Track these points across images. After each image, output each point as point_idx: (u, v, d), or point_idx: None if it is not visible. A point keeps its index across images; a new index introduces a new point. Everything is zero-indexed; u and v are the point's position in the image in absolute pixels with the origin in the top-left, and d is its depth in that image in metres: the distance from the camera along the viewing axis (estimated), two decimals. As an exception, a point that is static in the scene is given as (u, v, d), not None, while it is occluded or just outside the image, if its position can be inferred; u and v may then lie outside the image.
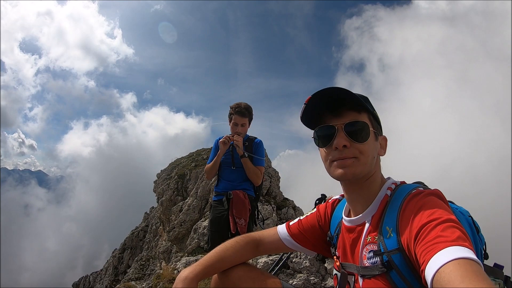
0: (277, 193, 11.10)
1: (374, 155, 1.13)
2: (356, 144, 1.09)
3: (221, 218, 3.27)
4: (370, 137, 1.11)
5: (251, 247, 1.41)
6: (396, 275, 0.99)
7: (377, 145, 1.15)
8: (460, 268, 0.75)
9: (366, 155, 1.10)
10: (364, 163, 1.10)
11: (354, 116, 1.11)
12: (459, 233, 0.84)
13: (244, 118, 3.30)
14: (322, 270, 3.78)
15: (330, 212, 1.39)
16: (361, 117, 1.11)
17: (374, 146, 1.13)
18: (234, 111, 3.29)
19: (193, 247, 8.98)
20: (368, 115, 1.14)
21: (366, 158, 1.10)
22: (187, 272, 1.25)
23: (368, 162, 1.11)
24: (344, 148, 1.09)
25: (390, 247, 1.01)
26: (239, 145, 3.22)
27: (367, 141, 1.10)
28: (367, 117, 1.13)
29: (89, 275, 18.58)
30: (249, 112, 3.33)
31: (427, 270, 0.81)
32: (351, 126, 1.09)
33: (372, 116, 1.15)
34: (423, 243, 0.86)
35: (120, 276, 14.67)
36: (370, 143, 1.11)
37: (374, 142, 1.13)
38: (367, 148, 1.10)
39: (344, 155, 1.09)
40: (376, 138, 1.15)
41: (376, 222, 1.10)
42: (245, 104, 3.31)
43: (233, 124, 3.32)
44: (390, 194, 1.12)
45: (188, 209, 11.25)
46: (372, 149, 1.12)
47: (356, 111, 1.11)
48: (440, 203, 0.97)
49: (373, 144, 1.12)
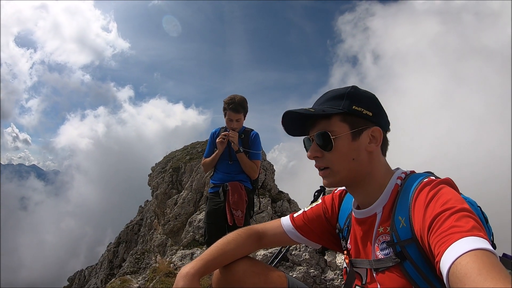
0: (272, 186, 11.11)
1: (353, 157, 1.09)
2: (326, 153, 1.10)
3: (217, 210, 3.25)
4: (340, 143, 1.08)
5: (253, 240, 1.35)
6: (410, 265, 0.97)
7: (357, 144, 1.09)
8: (477, 259, 0.72)
9: (336, 163, 1.09)
10: (337, 171, 1.10)
11: (323, 124, 1.10)
12: (474, 222, 0.81)
13: (239, 113, 3.25)
14: (322, 262, 3.78)
15: (338, 204, 1.34)
16: (331, 123, 1.09)
17: (349, 149, 1.09)
18: (228, 107, 3.24)
19: (188, 240, 8.99)
20: (342, 116, 1.09)
21: (337, 166, 1.09)
22: (188, 268, 1.18)
23: (344, 168, 1.09)
24: (317, 158, 1.12)
25: (404, 237, 0.99)
26: (234, 141, 3.20)
27: (335, 148, 1.08)
28: (340, 120, 1.09)
29: (84, 269, 18.58)
30: (243, 107, 3.27)
31: (442, 262, 0.78)
32: (317, 137, 1.10)
33: (350, 114, 1.09)
34: (438, 234, 0.83)
35: (115, 270, 14.66)
36: (341, 149, 1.08)
37: (349, 144, 1.08)
38: (335, 155, 1.09)
39: (318, 165, 1.13)
40: (354, 138, 1.09)
41: (388, 212, 1.06)
42: (239, 99, 3.24)
43: (228, 120, 3.29)
44: (401, 184, 1.08)
45: (183, 202, 11.26)
46: (346, 154, 1.08)
47: (326, 118, 1.10)
48: (453, 192, 0.93)
49: (347, 148, 1.08)
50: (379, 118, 1.13)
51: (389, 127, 1.17)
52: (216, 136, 3.39)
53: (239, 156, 3.26)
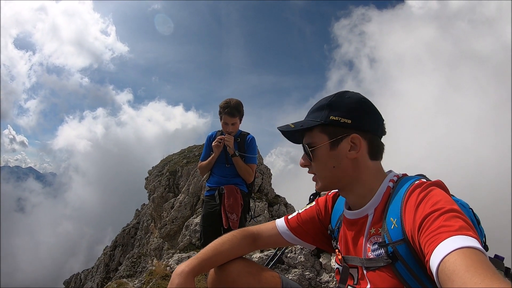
0: (269, 190, 11.16)
1: (333, 165, 1.14)
2: (312, 162, 1.18)
3: (213, 213, 3.27)
4: (319, 153, 1.15)
5: (248, 241, 1.37)
6: (401, 266, 0.99)
7: (336, 153, 1.13)
8: (465, 257, 0.74)
9: (319, 171, 1.18)
10: (322, 178, 1.18)
11: (307, 137, 1.19)
12: (462, 222, 0.84)
13: (234, 117, 3.25)
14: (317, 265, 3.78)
15: (331, 205, 1.37)
16: (312, 135, 1.17)
17: (328, 158, 1.14)
18: (223, 111, 3.24)
19: (185, 244, 8.99)
20: (320, 127, 1.15)
21: (321, 173, 1.18)
22: (183, 266, 1.22)
23: (326, 175, 1.17)
24: (307, 166, 1.22)
25: (395, 238, 1.00)
26: (230, 145, 3.22)
27: (315, 158, 1.16)
28: (320, 131, 1.15)
29: (80, 272, 18.45)
30: (239, 111, 3.28)
31: (431, 260, 0.80)
32: (303, 148, 1.21)
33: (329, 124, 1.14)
34: (427, 233, 0.86)
35: (112, 274, 14.61)
36: (320, 158, 1.15)
37: (327, 154, 1.14)
38: (317, 164, 1.17)
39: (309, 172, 1.22)
40: (333, 146, 1.13)
41: (380, 214, 1.09)
42: (235, 103, 3.24)
43: (224, 124, 3.30)
44: (393, 186, 1.11)
45: (180, 206, 11.25)
46: (325, 162, 1.15)
47: (309, 130, 1.18)
48: (443, 194, 0.97)
49: (326, 157, 1.15)
50: (360, 124, 1.13)
51: (382, 131, 1.18)
52: (212, 140, 3.39)
53: (234, 160, 3.27)
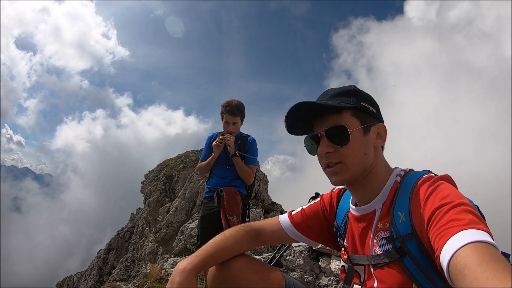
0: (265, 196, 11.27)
1: (366, 151, 1.10)
2: (339, 148, 1.08)
3: (212, 214, 3.26)
4: (354, 137, 1.08)
5: (251, 237, 1.33)
6: (409, 260, 0.97)
7: (368, 138, 1.11)
8: (477, 251, 0.73)
9: (351, 157, 1.08)
10: (351, 165, 1.09)
11: (335, 119, 1.09)
12: (473, 216, 0.83)
13: (235, 117, 3.27)
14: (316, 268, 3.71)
15: (336, 202, 1.34)
16: (343, 118, 1.09)
17: (362, 143, 1.09)
18: (225, 110, 3.27)
19: (180, 248, 9.03)
20: (352, 111, 1.10)
21: (352, 160, 1.08)
22: (185, 263, 1.16)
23: (357, 162, 1.09)
24: (329, 154, 1.10)
25: (403, 232, 1.00)
26: (231, 145, 3.23)
27: (350, 143, 1.08)
28: (351, 114, 1.10)
29: (73, 275, 18.31)
30: (240, 111, 3.30)
31: (442, 255, 0.79)
32: (330, 131, 1.09)
33: (359, 110, 1.11)
34: (437, 228, 0.86)
35: (105, 277, 14.54)
36: (355, 143, 1.08)
37: (361, 139, 1.09)
38: (349, 151, 1.08)
39: (330, 161, 1.10)
40: (365, 133, 1.10)
41: (387, 208, 1.07)
42: (236, 102, 3.28)
43: (225, 123, 3.31)
44: (400, 181, 1.10)
45: (176, 211, 11.29)
46: (360, 147, 1.09)
47: (337, 113, 1.10)
48: (452, 188, 0.96)
49: (360, 142, 1.09)
50: (380, 116, 1.16)
51: None
52: (213, 140, 3.39)
53: (235, 160, 3.26)
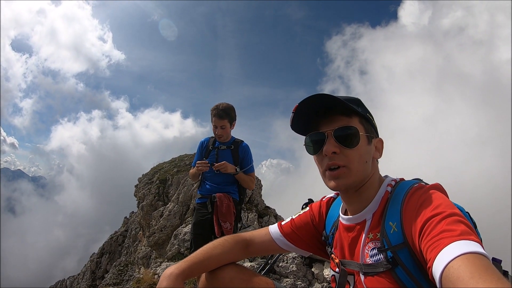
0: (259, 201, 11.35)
1: (367, 159, 1.09)
2: (346, 150, 1.06)
3: (205, 221, 3.26)
4: (361, 142, 1.07)
5: (240, 247, 1.33)
6: (401, 271, 0.96)
7: (370, 148, 1.11)
8: (469, 263, 0.73)
9: (357, 161, 1.06)
10: (355, 171, 1.07)
11: (344, 121, 1.08)
12: (465, 227, 0.83)
13: (223, 120, 3.22)
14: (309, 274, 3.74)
15: (325, 211, 1.34)
16: (352, 122, 1.08)
17: (366, 151, 1.09)
18: (212, 114, 3.25)
19: (173, 253, 9.06)
20: (359, 118, 1.10)
21: (357, 165, 1.06)
22: (173, 268, 1.18)
23: (360, 169, 1.07)
24: (334, 155, 1.07)
25: (395, 242, 0.98)
26: (228, 171, 3.20)
27: (357, 146, 1.06)
28: (358, 121, 1.10)
29: (66, 279, 18.20)
30: (228, 114, 3.23)
31: (434, 266, 0.79)
32: (340, 131, 1.07)
33: (365, 119, 1.11)
34: (429, 238, 0.85)
35: (98, 281, 14.49)
36: (361, 148, 1.07)
37: (366, 147, 1.09)
38: (357, 154, 1.06)
39: (334, 162, 1.07)
40: (369, 142, 1.10)
41: (378, 218, 1.07)
42: (224, 105, 3.23)
43: (213, 127, 3.29)
44: (391, 191, 1.09)
45: (169, 215, 11.32)
46: (364, 154, 1.08)
47: (346, 116, 1.09)
48: (443, 197, 0.96)
49: (365, 149, 1.08)
50: (377, 131, 1.17)
51: None
52: (204, 146, 3.41)
53: (237, 177, 3.27)
